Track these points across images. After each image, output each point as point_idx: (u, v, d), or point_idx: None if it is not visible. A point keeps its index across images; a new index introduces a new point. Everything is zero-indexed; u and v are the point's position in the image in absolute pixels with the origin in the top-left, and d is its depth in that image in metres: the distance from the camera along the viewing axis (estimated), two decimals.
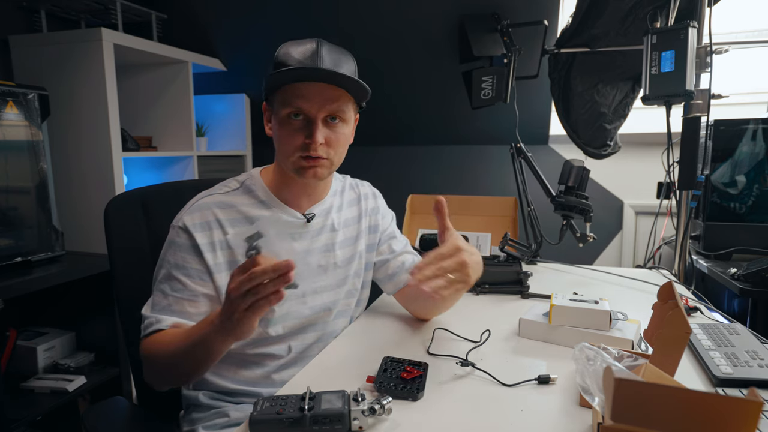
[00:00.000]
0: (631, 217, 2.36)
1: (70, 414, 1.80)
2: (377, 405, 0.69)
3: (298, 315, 1.01)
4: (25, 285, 1.51)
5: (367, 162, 2.71)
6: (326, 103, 0.91)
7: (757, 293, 1.38)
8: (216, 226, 0.95)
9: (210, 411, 0.98)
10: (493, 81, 1.84)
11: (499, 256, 1.44)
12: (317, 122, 0.92)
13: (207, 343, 0.80)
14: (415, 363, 0.86)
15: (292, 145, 0.93)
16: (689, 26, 1.40)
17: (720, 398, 0.50)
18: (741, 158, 1.70)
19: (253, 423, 0.68)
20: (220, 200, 0.98)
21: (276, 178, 1.02)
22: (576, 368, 0.65)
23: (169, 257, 0.93)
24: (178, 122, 2.29)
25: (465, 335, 1.03)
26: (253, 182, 1.01)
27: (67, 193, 1.92)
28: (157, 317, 0.90)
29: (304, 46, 0.93)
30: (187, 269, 0.92)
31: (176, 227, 0.95)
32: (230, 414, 0.96)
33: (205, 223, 0.95)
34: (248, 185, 1.01)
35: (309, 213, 1.03)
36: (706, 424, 0.49)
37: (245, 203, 0.99)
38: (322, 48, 0.93)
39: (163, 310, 0.91)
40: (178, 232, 0.94)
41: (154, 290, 0.94)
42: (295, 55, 0.92)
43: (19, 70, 1.94)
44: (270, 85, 0.94)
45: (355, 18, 2.13)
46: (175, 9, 2.26)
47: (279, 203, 1.01)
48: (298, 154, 0.93)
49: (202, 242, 0.93)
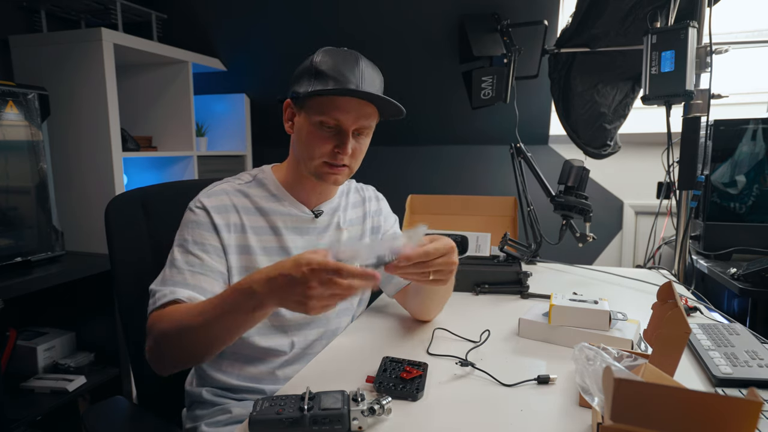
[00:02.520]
0: (631, 217, 2.36)
1: (70, 414, 1.80)
2: (377, 405, 0.69)
3: None
4: (25, 285, 1.51)
5: (367, 162, 2.69)
6: (361, 118, 0.96)
7: (757, 293, 1.38)
8: (232, 210, 0.98)
9: (213, 408, 0.99)
10: (493, 81, 1.84)
11: (499, 256, 1.44)
12: (349, 134, 0.96)
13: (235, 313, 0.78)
14: (414, 363, 0.87)
15: (320, 150, 0.96)
16: (689, 26, 1.40)
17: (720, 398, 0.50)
18: (741, 158, 1.70)
19: (252, 423, 0.68)
20: (236, 188, 1.01)
21: (288, 175, 1.05)
22: (575, 368, 0.65)
23: (186, 234, 0.94)
24: (178, 122, 2.29)
25: (464, 335, 1.03)
26: (265, 177, 1.05)
27: (67, 193, 1.92)
28: (171, 289, 0.87)
29: (346, 59, 0.96)
30: (204, 245, 0.94)
31: (194, 207, 0.97)
32: (233, 410, 0.97)
33: (222, 206, 0.97)
34: (260, 179, 1.05)
35: (317, 209, 1.06)
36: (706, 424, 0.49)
37: (258, 195, 1.02)
38: (363, 64, 0.97)
39: (177, 283, 0.89)
40: (196, 211, 0.96)
41: (167, 266, 0.92)
42: (341, 68, 0.94)
43: (19, 70, 1.94)
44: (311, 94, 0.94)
45: (355, 18, 2.13)
46: (175, 9, 2.26)
47: (289, 197, 1.04)
48: (323, 159, 0.97)
49: (219, 222, 0.96)
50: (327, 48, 0.99)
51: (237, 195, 1.00)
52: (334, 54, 0.97)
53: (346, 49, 1.00)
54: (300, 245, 1.03)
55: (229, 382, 0.99)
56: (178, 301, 0.86)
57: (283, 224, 1.02)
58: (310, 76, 0.96)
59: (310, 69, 0.96)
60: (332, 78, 0.94)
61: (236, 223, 0.98)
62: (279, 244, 1.01)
